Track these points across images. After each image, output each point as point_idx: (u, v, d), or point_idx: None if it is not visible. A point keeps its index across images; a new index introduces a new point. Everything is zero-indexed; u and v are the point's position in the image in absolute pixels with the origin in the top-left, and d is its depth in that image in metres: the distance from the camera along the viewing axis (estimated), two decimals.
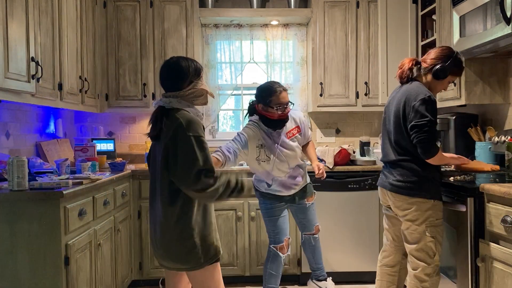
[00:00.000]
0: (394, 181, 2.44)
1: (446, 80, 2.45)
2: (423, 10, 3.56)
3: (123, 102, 3.90)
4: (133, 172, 3.51)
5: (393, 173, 2.46)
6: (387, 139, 2.53)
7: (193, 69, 2.09)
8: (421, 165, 2.37)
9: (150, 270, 3.58)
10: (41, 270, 2.18)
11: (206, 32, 4.25)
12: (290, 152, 2.97)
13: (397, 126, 2.43)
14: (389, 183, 2.47)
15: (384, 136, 2.58)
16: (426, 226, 2.35)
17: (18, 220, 2.16)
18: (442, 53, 2.43)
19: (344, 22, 3.96)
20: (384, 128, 2.58)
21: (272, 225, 3.05)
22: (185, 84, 2.07)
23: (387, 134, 2.54)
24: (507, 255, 2.03)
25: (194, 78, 2.09)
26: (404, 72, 2.47)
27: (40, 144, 3.28)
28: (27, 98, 2.48)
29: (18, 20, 2.32)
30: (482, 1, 2.54)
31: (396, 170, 2.45)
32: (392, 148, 2.47)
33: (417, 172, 2.37)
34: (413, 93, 2.35)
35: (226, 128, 4.49)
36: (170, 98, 2.05)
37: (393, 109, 2.46)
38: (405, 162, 2.41)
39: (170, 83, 2.09)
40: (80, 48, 3.29)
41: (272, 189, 3.00)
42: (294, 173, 3.02)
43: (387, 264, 2.68)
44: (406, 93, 2.40)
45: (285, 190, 3.02)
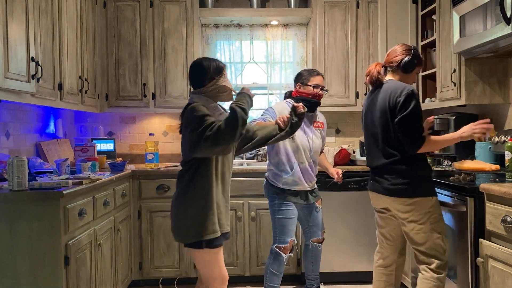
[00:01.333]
0: (389, 185, 2.42)
1: (414, 72, 2.53)
2: (423, 10, 3.56)
3: (123, 102, 3.90)
4: (133, 172, 3.51)
5: (385, 177, 2.44)
6: (373, 144, 2.52)
7: (214, 67, 2.28)
8: (411, 165, 2.36)
9: (150, 270, 3.58)
10: (41, 270, 2.18)
11: (206, 32, 4.25)
12: (315, 138, 3.07)
13: (384, 126, 2.42)
14: (384, 188, 2.44)
15: (368, 142, 2.57)
16: (430, 224, 2.34)
17: (18, 220, 2.16)
18: (403, 48, 2.52)
19: (344, 22, 3.96)
20: (367, 133, 2.58)
21: (280, 224, 3.03)
22: (206, 81, 2.27)
23: (372, 138, 2.52)
24: (507, 255, 2.03)
25: (215, 75, 2.27)
26: (373, 77, 2.51)
27: (40, 144, 3.28)
28: (27, 98, 2.48)
29: (18, 20, 2.32)
30: (482, 1, 2.54)
31: (388, 174, 2.42)
32: (380, 152, 2.46)
33: (408, 173, 2.36)
34: (396, 90, 2.36)
35: None
36: (192, 95, 2.30)
37: (378, 110, 2.45)
38: (395, 164, 2.39)
39: (193, 82, 2.32)
40: (80, 48, 3.29)
41: (291, 180, 2.99)
42: (312, 167, 3.07)
43: (383, 265, 2.67)
44: (388, 91, 2.41)
45: (302, 183, 3.02)
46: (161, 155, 4.16)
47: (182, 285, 3.62)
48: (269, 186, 3.09)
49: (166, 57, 3.89)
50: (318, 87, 3.04)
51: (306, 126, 3.05)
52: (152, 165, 3.76)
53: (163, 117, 4.29)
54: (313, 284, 3.29)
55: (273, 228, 3.10)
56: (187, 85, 3.89)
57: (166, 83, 3.90)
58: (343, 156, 3.68)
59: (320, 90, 3.05)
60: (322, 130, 3.17)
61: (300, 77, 3.10)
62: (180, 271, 3.59)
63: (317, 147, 3.10)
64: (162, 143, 4.26)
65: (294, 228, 3.07)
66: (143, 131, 4.30)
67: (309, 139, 3.05)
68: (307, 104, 2.89)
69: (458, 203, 2.42)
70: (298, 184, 3.02)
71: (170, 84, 3.90)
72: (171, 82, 3.90)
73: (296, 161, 3.01)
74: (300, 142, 3.01)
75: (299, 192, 3.04)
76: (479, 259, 2.22)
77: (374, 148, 2.50)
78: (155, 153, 3.81)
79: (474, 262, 2.28)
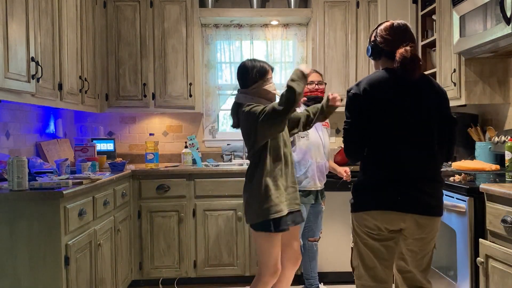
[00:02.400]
0: (434, 200, 1.96)
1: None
2: (423, 10, 3.56)
3: (123, 102, 3.90)
4: (133, 172, 3.51)
5: (427, 191, 1.95)
6: (414, 146, 1.94)
7: (256, 70, 2.45)
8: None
9: (150, 270, 3.57)
10: (41, 270, 2.18)
11: (206, 32, 4.25)
12: (325, 135, 3.16)
13: (439, 126, 1.99)
14: (429, 205, 1.94)
15: (401, 143, 1.94)
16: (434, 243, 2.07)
17: (18, 220, 2.16)
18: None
19: (344, 22, 3.96)
20: (402, 131, 1.95)
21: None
22: (249, 82, 2.47)
23: (412, 139, 1.95)
24: (507, 255, 2.03)
25: (258, 78, 2.45)
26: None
27: (40, 144, 3.28)
28: (27, 98, 2.48)
29: (18, 20, 2.32)
30: (482, 1, 2.54)
31: (434, 188, 1.98)
32: (429, 157, 1.96)
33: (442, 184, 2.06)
34: (436, 83, 2.07)
35: (226, 128, 4.48)
36: (238, 94, 2.52)
37: (429, 107, 1.97)
38: (439, 175, 2.02)
39: (239, 82, 2.55)
40: (80, 48, 3.29)
41: (304, 179, 3.02)
42: (323, 165, 3.12)
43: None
44: (436, 85, 2.04)
45: (315, 182, 3.06)
46: (161, 155, 4.16)
47: (182, 285, 3.62)
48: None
49: (166, 57, 3.89)
50: (312, 83, 3.11)
51: (316, 125, 3.09)
52: (152, 165, 3.76)
53: (163, 117, 4.29)
54: (312, 283, 3.29)
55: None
56: (187, 85, 3.89)
57: (166, 83, 3.90)
58: (343, 156, 3.68)
59: (315, 85, 3.11)
60: (327, 129, 3.25)
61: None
62: (180, 271, 3.59)
63: (327, 144, 3.18)
64: (162, 143, 4.26)
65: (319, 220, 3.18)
66: (143, 131, 4.30)
67: (321, 136, 3.12)
68: (309, 102, 3.04)
69: (458, 203, 2.41)
70: (312, 183, 3.05)
71: (170, 84, 3.90)
72: (171, 82, 3.90)
73: (312, 159, 3.05)
74: (314, 139, 3.07)
75: (311, 192, 3.07)
76: (479, 259, 2.22)
77: (416, 153, 1.94)
78: (155, 153, 3.81)
79: (474, 262, 2.28)
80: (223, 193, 3.58)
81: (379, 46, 2.04)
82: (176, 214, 3.56)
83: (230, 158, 4.14)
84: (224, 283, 3.63)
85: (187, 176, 3.59)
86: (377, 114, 1.95)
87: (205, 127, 4.33)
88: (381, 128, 1.95)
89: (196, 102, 3.93)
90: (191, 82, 3.90)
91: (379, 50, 2.05)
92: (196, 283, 3.65)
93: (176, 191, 3.57)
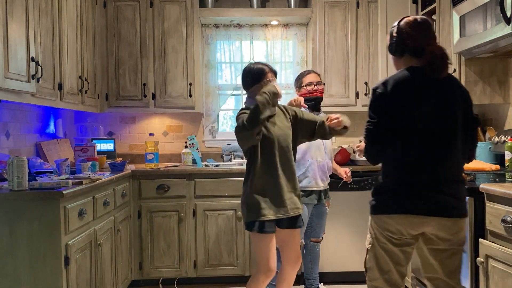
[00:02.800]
0: (458, 202, 1.92)
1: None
2: (423, 10, 3.56)
3: (123, 102, 3.89)
4: (133, 172, 3.51)
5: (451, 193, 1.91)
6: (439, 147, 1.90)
7: (252, 74, 2.50)
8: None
9: (150, 270, 3.57)
10: (41, 270, 2.18)
11: (206, 32, 4.25)
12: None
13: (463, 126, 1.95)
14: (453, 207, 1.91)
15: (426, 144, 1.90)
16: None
17: (18, 220, 2.16)
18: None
19: (344, 22, 3.96)
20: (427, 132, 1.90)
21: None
22: (248, 86, 2.53)
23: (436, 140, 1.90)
24: (507, 255, 2.03)
25: (256, 81, 2.49)
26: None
27: (40, 144, 3.28)
28: (27, 98, 2.48)
29: (18, 20, 2.32)
30: (482, 1, 2.54)
31: (457, 189, 1.94)
32: (453, 158, 1.93)
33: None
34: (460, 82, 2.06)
35: (226, 128, 4.49)
36: (245, 98, 2.60)
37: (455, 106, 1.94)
38: (461, 175, 1.99)
39: (242, 86, 2.60)
40: (80, 48, 3.29)
41: (304, 179, 3.02)
42: (328, 164, 3.14)
43: None
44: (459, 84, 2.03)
45: (317, 181, 3.06)
46: (161, 155, 4.16)
47: (182, 285, 3.62)
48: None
49: (166, 57, 3.89)
50: (312, 84, 3.13)
51: None
52: (152, 165, 3.76)
53: (163, 117, 4.29)
54: (312, 283, 3.29)
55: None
56: (187, 85, 3.90)
57: (166, 83, 3.90)
58: (343, 156, 3.68)
59: (314, 86, 3.12)
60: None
61: (296, 82, 3.25)
62: (180, 271, 3.59)
63: (329, 145, 3.18)
64: (162, 143, 4.26)
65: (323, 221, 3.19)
66: (143, 131, 4.30)
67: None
68: (311, 103, 3.07)
69: None
70: (313, 182, 3.05)
71: (170, 84, 3.90)
72: (171, 82, 3.90)
73: (312, 158, 3.05)
74: (316, 141, 3.03)
75: (313, 191, 3.06)
76: (479, 259, 2.22)
77: (450, 152, 1.91)
78: (155, 153, 3.81)
79: (474, 262, 2.28)
80: (223, 193, 3.58)
81: (404, 43, 1.95)
82: (176, 214, 3.56)
83: (230, 158, 4.14)
84: (224, 283, 3.63)
85: (187, 176, 3.59)
86: (403, 115, 1.88)
87: (205, 127, 4.33)
88: (405, 129, 1.89)
89: (196, 102, 3.93)
90: (191, 82, 3.90)
91: (403, 46, 1.96)
92: (196, 283, 3.65)
93: (176, 191, 3.57)
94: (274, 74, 2.52)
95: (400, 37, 1.96)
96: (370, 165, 3.59)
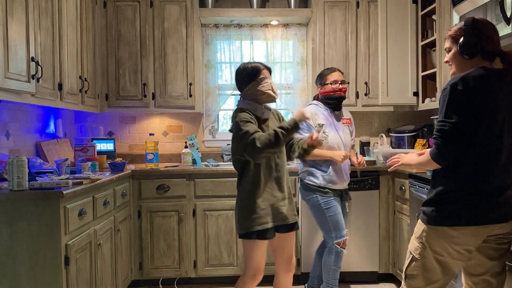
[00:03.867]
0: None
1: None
2: (423, 10, 3.56)
3: (123, 102, 3.90)
4: (133, 172, 3.51)
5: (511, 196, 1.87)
6: (503, 150, 1.83)
7: (246, 73, 2.44)
8: None
9: (150, 270, 3.58)
10: (41, 270, 2.18)
11: (206, 32, 4.25)
12: (345, 134, 3.17)
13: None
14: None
15: (494, 148, 1.82)
16: None
17: (18, 220, 2.16)
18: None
19: (344, 22, 3.96)
20: (498, 135, 1.82)
21: (334, 221, 3.02)
22: (243, 85, 2.47)
23: (501, 144, 1.83)
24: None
25: (250, 80, 2.43)
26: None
27: (40, 144, 3.28)
28: (27, 98, 2.49)
29: (18, 20, 2.32)
30: (482, 1, 2.54)
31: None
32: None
33: None
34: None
35: (226, 128, 4.49)
36: (238, 100, 2.52)
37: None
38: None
39: (236, 86, 2.53)
40: (80, 48, 3.29)
41: (328, 178, 3.04)
42: (347, 164, 3.16)
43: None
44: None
45: (338, 181, 3.08)
46: (161, 155, 4.16)
47: (182, 285, 3.62)
48: (306, 187, 3.12)
49: (166, 57, 3.89)
50: (337, 82, 3.11)
51: (336, 124, 3.14)
52: (152, 165, 3.76)
53: (163, 117, 4.29)
54: (315, 283, 3.29)
55: (323, 227, 3.09)
56: (187, 85, 3.90)
57: (166, 83, 3.90)
58: None
59: (339, 85, 3.12)
60: (349, 126, 3.28)
61: (319, 79, 3.21)
62: (180, 271, 3.59)
63: (348, 143, 3.21)
64: (162, 143, 4.26)
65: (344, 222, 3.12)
66: (143, 131, 4.30)
67: (341, 136, 3.14)
68: (333, 102, 3.11)
69: None
70: (335, 182, 3.07)
71: (170, 84, 3.90)
72: (171, 82, 3.90)
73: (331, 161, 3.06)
74: (334, 140, 3.09)
75: (335, 191, 3.09)
76: None
77: (504, 158, 1.84)
78: (155, 153, 3.81)
79: None
80: (223, 193, 3.58)
81: (480, 44, 1.86)
82: (176, 214, 3.57)
83: (230, 158, 4.14)
84: (224, 283, 3.63)
85: (187, 176, 3.59)
86: (484, 115, 1.77)
87: (205, 127, 4.33)
88: (485, 131, 1.78)
89: (196, 102, 3.93)
90: (191, 82, 3.90)
91: (478, 48, 1.86)
92: (196, 283, 3.65)
93: (176, 191, 3.57)
94: (268, 71, 2.49)
95: (478, 38, 1.87)
96: (369, 165, 3.59)
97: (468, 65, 1.89)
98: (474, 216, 1.80)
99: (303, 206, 3.58)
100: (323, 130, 3.05)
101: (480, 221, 1.80)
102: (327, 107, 3.15)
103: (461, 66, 1.92)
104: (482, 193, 1.81)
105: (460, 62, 1.92)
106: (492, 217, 1.80)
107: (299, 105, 4.24)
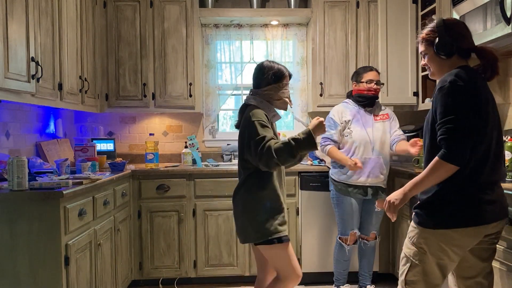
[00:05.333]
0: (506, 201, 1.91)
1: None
2: (423, 10, 3.56)
3: (123, 102, 3.90)
4: (133, 172, 3.51)
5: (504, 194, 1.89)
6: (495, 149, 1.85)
7: (272, 73, 2.32)
8: None
9: (150, 270, 3.58)
10: (41, 270, 2.18)
11: (206, 32, 4.25)
12: (375, 131, 3.16)
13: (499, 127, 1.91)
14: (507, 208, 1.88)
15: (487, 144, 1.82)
16: None
17: (18, 220, 2.16)
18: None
19: (344, 22, 3.96)
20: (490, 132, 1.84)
21: (340, 217, 3.23)
22: (262, 84, 2.33)
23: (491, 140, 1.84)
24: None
25: (272, 81, 2.32)
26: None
27: (40, 144, 3.28)
28: (27, 98, 2.49)
29: (18, 20, 2.32)
30: (482, 1, 2.54)
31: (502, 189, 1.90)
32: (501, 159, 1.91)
33: None
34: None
35: (226, 128, 4.49)
36: (249, 95, 2.38)
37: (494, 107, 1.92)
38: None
39: (253, 81, 2.40)
40: (80, 48, 3.29)
41: (343, 177, 3.14)
42: (374, 161, 3.13)
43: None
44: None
45: (361, 177, 3.10)
46: (161, 155, 4.17)
47: (182, 285, 3.62)
48: (331, 181, 3.27)
49: (166, 57, 3.89)
50: (372, 82, 3.16)
51: (364, 122, 3.16)
52: (152, 165, 3.76)
53: (163, 117, 4.29)
54: (362, 279, 3.37)
55: (336, 218, 3.28)
56: (187, 85, 3.90)
57: (166, 83, 3.90)
58: None
59: (374, 85, 3.16)
60: (387, 121, 3.23)
61: (355, 76, 3.26)
62: (180, 271, 3.59)
63: (379, 139, 3.15)
64: (162, 143, 4.26)
65: (354, 221, 3.18)
66: (143, 131, 4.30)
67: (368, 132, 3.14)
68: (366, 101, 3.16)
69: None
70: (356, 177, 3.11)
71: (170, 84, 3.90)
72: (171, 82, 3.90)
73: (357, 155, 3.11)
74: (358, 137, 3.11)
75: (357, 186, 3.13)
76: None
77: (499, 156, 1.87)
78: (155, 153, 3.81)
79: None
80: (223, 193, 3.58)
81: (456, 43, 1.86)
82: (176, 214, 3.57)
83: (230, 158, 4.15)
84: (224, 283, 3.64)
85: (187, 176, 3.59)
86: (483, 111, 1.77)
87: (205, 127, 4.33)
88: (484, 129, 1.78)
89: (196, 102, 3.93)
90: (191, 82, 3.90)
91: (454, 47, 1.86)
92: (196, 283, 3.65)
93: (176, 191, 3.57)
94: (289, 79, 2.40)
95: (453, 37, 1.87)
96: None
97: (446, 65, 1.90)
98: (474, 216, 1.77)
99: (303, 206, 3.58)
100: (348, 126, 3.14)
101: (480, 221, 1.77)
102: (357, 104, 3.21)
103: (439, 67, 1.93)
104: (478, 192, 1.78)
105: (439, 63, 1.92)
106: (489, 216, 1.78)
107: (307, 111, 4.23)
